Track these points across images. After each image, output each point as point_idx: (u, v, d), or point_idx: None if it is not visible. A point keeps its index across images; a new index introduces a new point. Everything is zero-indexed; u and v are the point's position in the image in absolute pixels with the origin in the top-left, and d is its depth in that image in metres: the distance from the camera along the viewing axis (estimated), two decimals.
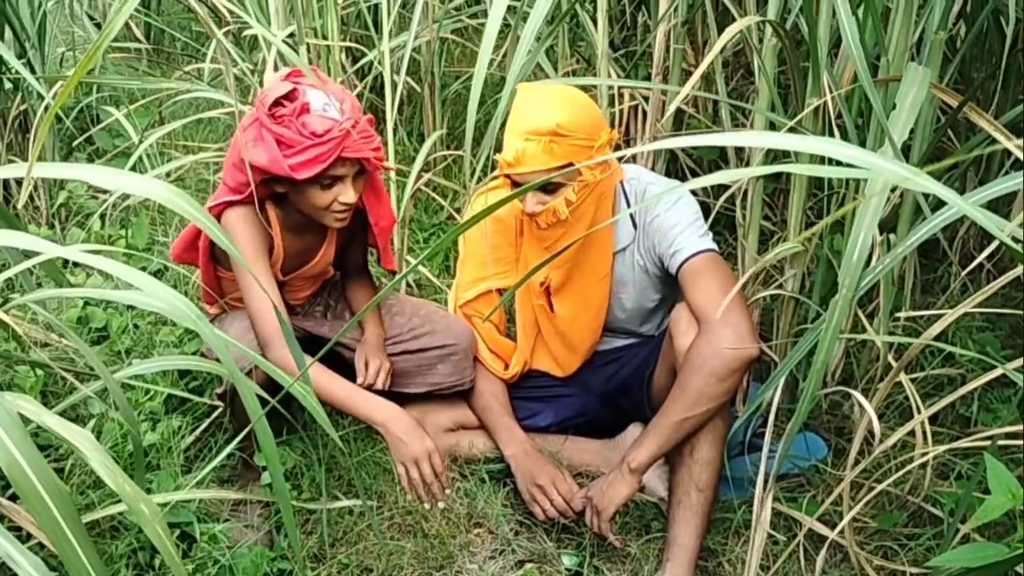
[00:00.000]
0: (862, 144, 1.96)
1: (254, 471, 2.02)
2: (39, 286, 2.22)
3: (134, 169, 2.44)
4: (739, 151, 2.57)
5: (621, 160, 2.21)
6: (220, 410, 2.02)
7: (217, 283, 2.10)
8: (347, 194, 1.89)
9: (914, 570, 1.88)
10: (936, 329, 1.71)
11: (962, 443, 1.77)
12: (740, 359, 1.86)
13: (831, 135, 1.96)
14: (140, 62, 3.82)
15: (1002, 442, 1.73)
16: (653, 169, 2.55)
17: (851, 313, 2.06)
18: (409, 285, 2.68)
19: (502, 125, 2.02)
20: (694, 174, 2.86)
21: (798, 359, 1.78)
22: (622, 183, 2.09)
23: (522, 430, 2.17)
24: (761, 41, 2.14)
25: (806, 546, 1.93)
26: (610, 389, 2.25)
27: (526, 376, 2.26)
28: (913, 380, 1.95)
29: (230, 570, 1.82)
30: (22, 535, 1.48)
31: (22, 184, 2.70)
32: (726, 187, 2.41)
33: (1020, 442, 1.80)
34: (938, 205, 1.56)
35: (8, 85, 2.91)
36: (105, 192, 2.89)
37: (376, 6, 3.08)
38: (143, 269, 2.20)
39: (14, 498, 1.54)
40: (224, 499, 1.99)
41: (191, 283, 2.47)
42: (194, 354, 2.17)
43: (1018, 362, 1.66)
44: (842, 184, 2.18)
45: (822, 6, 1.93)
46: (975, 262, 1.99)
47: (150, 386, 2.04)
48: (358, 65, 3.07)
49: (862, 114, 2.14)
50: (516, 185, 1.96)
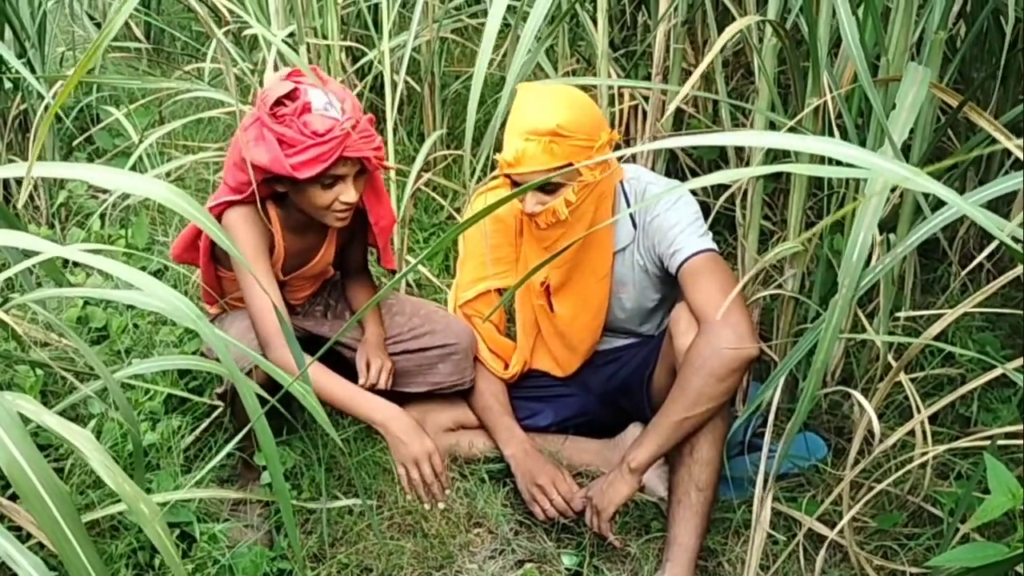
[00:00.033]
0: (862, 144, 1.96)
1: (254, 471, 2.02)
2: (39, 286, 2.22)
3: (134, 169, 2.44)
4: (739, 151, 2.57)
5: (621, 160, 2.21)
6: (220, 410, 2.01)
7: (217, 283, 2.10)
8: (348, 193, 1.89)
9: (914, 570, 1.88)
10: (936, 329, 1.71)
11: (962, 443, 1.77)
12: (740, 359, 1.86)
13: (831, 135, 1.95)
14: (140, 62, 3.82)
15: (1002, 442, 1.73)
16: (653, 169, 2.55)
17: (851, 313, 2.06)
18: (409, 285, 2.67)
19: (502, 125, 2.02)
20: (694, 174, 2.86)
21: (798, 359, 1.78)
22: (622, 183, 2.09)
23: (522, 430, 2.17)
24: (761, 41, 2.14)
25: (806, 546, 1.93)
26: (610, 389, 2.25)
27: (526, 376, 2.26)
28: (913, 380, 1.95)
29: (230, 570, 1.82)
30: (22, 535, 1.48)
31: (22, 184, 2.70)
32: (726, 187, 2.41)
33: (1020, 442, 1.80)
34: (938, 205, 1.55)
35: (8, 85, 2.91)
36: (105, 192, 2.89)
37: (376, 6, 3.08)
38: (143, 269, 2.20)
39: (14, 498, 1.54)
40: (224, 499, 1.99)
41: (191, 283, 2.47)
42: (194, 354, 2.17)
43: (1018, 362, 1.66)
44: (842, 184, 2.18)
45: (822, 6, 1.93)
46: (975, 262, 1.99)
47: (150, 386, 2.04)
48: (358, 65, 3.07)
49: (862, 114, 2.14)
50: (516, 185, 1.96)
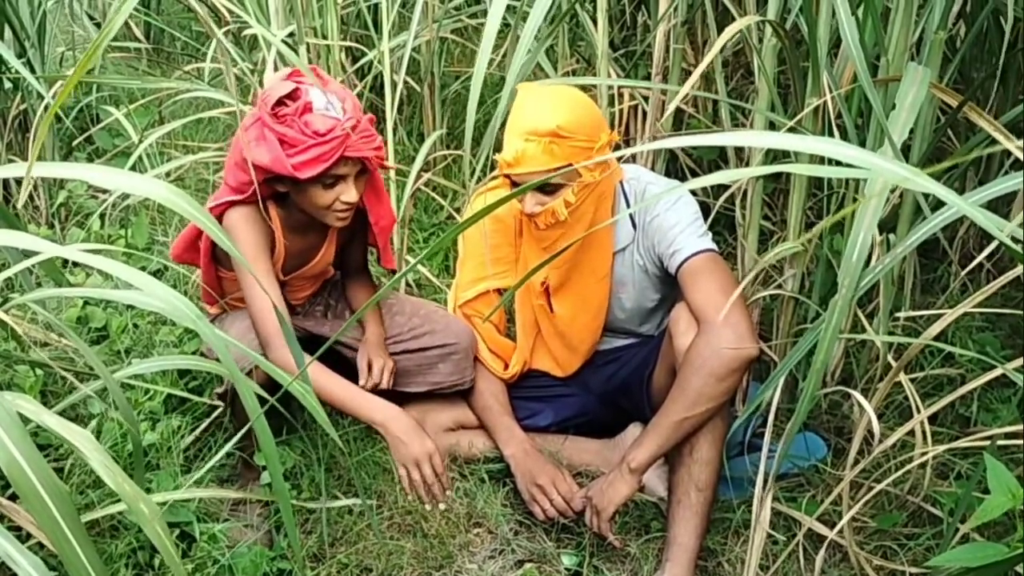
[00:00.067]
0: (862, 144, 1.96)
1: (254, 471, 2.02)
2: (39, 286, 2.22)
3: (134, 169, 2.44)
4: (739, 151, 2.57)
5: (621, 160, 2.21)
6: (220, 410, 2.01)
7: (218, 283, 2.10)
8: (349, 193, 1.89)
9: (913, 570, 1.88)
10: (936, 329, 1.71)
11: (962, 443, 1.77)
12: (740, 359, 1.86)
13: (831, 135, 1.95)
14: (140, 62, 3.83)
15: (1002, 442, 1.73)
16: (653, 169, 2.55)
17: (851, 313, 2.06)
18: (409, 285, 2.68)
19: (502, 125, 2.02)
20: (694, 174, 2.86)
21: (798, 359, 1.78)
22: (622, 183, 2.09)
23: (522, 430, 2.17)
24: (761, 41, 2.14)
25: (805, 546, 1.93)
26: (610, 389, 2.25)
27: (526, 376, 2.26)
28: (913, 380, 1.95)
29: (229, 570, 1.82)
30: (22, 535, 1.48)
31: (22, 183, 2.70)
32: (726, 187, 2.41)
33: (1020, 442, 1.80)
34: (938, 205, 1.55)
35: (8, 85, 2.91)
36: (105, 192, 2.89)
37: (376, 6, 3.07)
38: (143, 269, 2.20)
39: (14, 498, 1.54)
40: (224, 499, 1.99)
41: (191, 283, 2.47)
42: (194, 354, 2.17)
43: (1018, 362, 1.66)
44: (842, 184, 2.18)
45: (822, 6, 1.93)
46: (975, 262, 1.99)
47: (150, 386, 2.04)
48: (358, 65, 3.07)
49: (862, 114, 2.14)
50: (515, 185, 1.96)
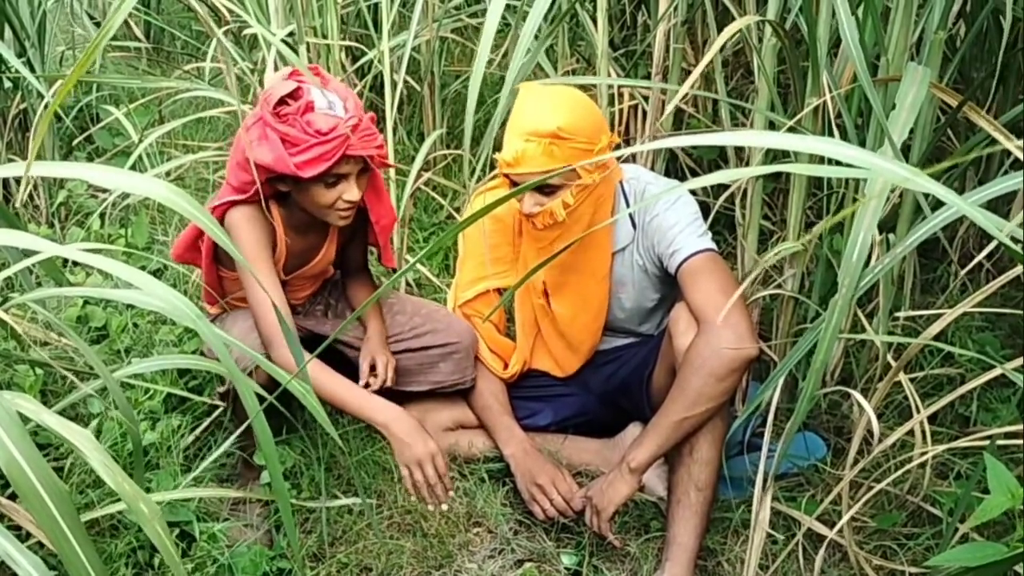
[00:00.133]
0: (862, 144, 1.96)
1: (254, 470, 2.02)
2: (39, 285, 2.22)
3: (134, 168, 2.44)
4: (739, 151, 2.57)
5: (621, 160, 2.21)
6: (220, 410, 2.01)
7: (219, 283, 2.10)
8: (351, 192, 1.89)
9: (913, 569, 1.88)
10: (935, 329, 1.72)
11: (961, 443, 1.77)
12: (739, 359, 1.86)
13: (831, 135, 1.95)
14: (140, 61, 3.83)
15: (1001, 442, 1.73)
16: (653, 168, 2.55)
17: (850, 313, 2.06)
18: (409, 284, 2.68)
19: (502, 124, 2.02)
20: (694, 173, 2.86)
21: (797, 359, 1.78)
22: (621, 183, 2.09)
23: (522, 429, 2.17)
24: (761, 40, 2.14)
25: (805, 545, 1.93)
26: (609, 388, 2.25)
27: (526, 375, 2.26)
28: (912, 380, 1.95)
29: (229, 569, 1.82)
30: (21, 534, 1.48)
31: (21, 183, 2.70)
32: (726, 187, 2.41)
33: (1019, 442, 1.81)
34: (938, 205, 1.55)
35: (8, 84, 2.91)
36: (105, 191, 2.89)
37: (376, 5, 3.07)
38: (143, 268, 2.20)
39: (13, 497, 1.54)
40: (223, 498, 1.99)
41: (191, 282, 2.47)
42: (194, 353, 2.17)
43: (1017, 362, 1.66)
44: (842, 184, 2.18)
45: (822, 6, 1.93)
46: (974, 261, 1.99)
47: (150, 385, 2.04)
48: (358, 64, 3.07)
49: (862, 114, 2.14)
50: (515, 185, 1.96)
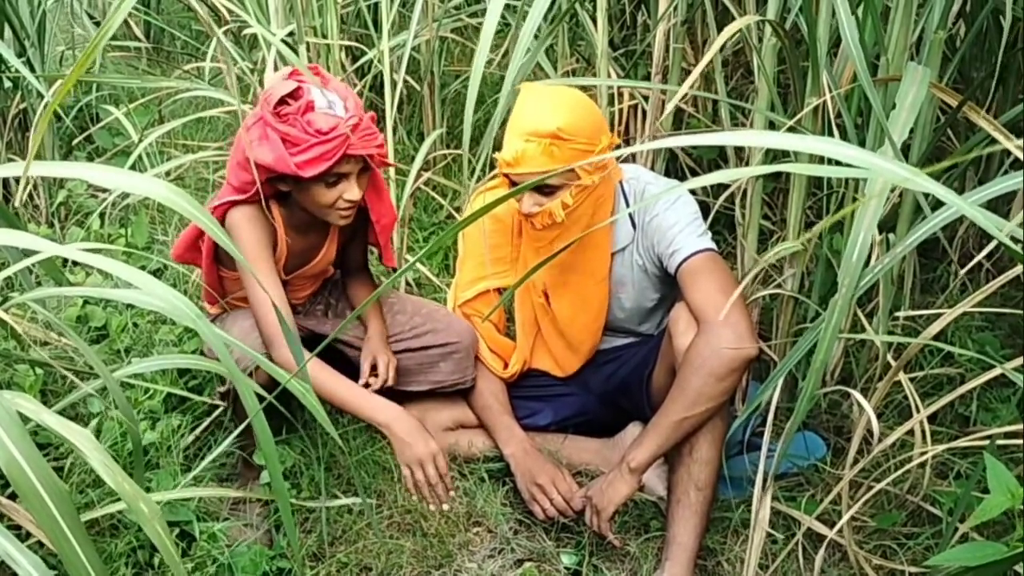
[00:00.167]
0: (862, 144, 1.96)
1: (254, 470, 2.02)
2: (39, 285, 2.22)
3: (134, 168, 2.44)
4: (738, 150, 2.57)
5: (620, 160, 2.21)
6: (220, 409, 2.02)
7: (219, 283, 2.10)
8: (352, 191, 1.89)
9: (913, 569, 1.88)
10: (935, 328, 1.71)
11: (961, 442, 1.77)
12: (739, 359, 1.86)
13: (830, 135, 1.95)
14: (140, 61, 3.83)
15: (1001, 441, 1.73)
16: (652, 168, 2.55)
17: (850, 312, 2.06)
18: (408, 284, 2.68)
19: (502, 124, 2.02)
20: (693, 173, 2.86)
21: (797, 358, 1.78)
22: (621, 183, 2.09)
23: (521, 429, 2.17)
24: (760, 40, 2.14)
25: (805, 545, 1.93)
26: (609, 388, 2.25)
27: (525, 375, 2.26)
28: (912, 379, 1.95)
29: (229, 569, 1.82)
30: (21, 534, 1.48)
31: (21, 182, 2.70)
32: (725, 186, 2.41)
33: (1019, 441, 1.80)
34: (937, 204, 1.55)
35: (8, 84, 2.91)
36: (105, 191, 2.89)
37: (376, 5, 3.07)
38: (142, 268, 2.19)
39: (13, 497, 1.54)
40: (223, 498, 1.99)
41: (191, 282, 2.47)
42: (194, 353, 2.17)
43: (1017, 362, 1.65)
44: (842, 184, 2.18)
45: (821, 5, 1.93)
46: (974, 261, 1.99)
47: (149, 385, 2.04)
48: (358, 64, 3.07)
49: (861, 114, 2.14)
50: (514, 184, 1.96)
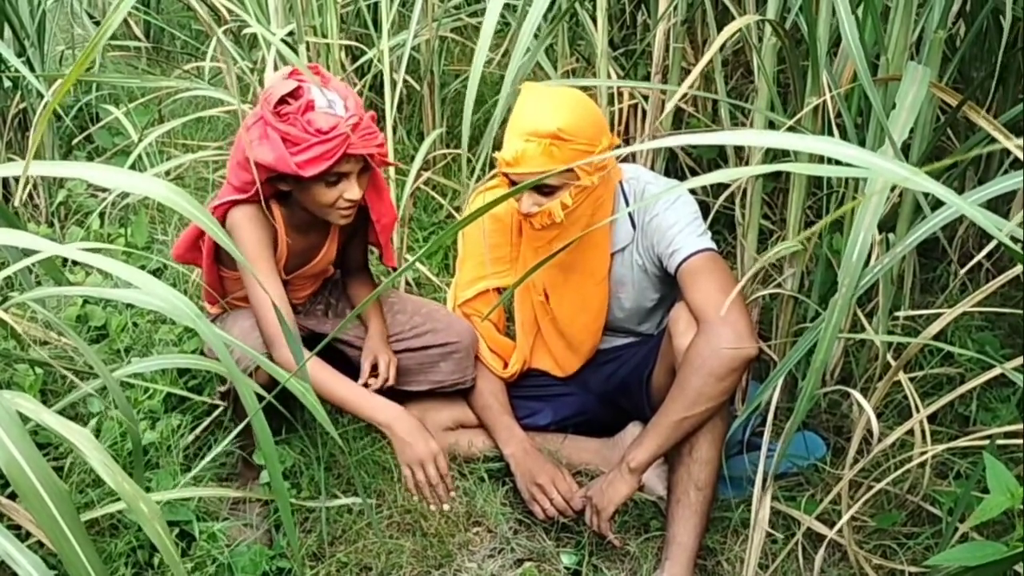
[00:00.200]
0: (862, 143, 1.96)
1: (254, 469, 2.02)
2: (38, 284, 2.22)
3: (133, 167, 2.44)
4: (738, 150, 2.57)
5: (620, 159, 2.21)
6: (220, 409, 2.01)
7: (220, 283, 2.10)
8: (352, 190, 1.89)
9: (913, 569, 1.88)
10: (935, 328, 1.71)
11: (961, 442, 1.77)
12: (739, 358, 1.86)
13: (830, 134, 1.95)
14: (140, 60, 3.83)
15: (1001, 441, 1.73)
16: (652, 168, 2.55)
17: (850, 312, 2.06)
18: (408, 284, 2.68)
19: (502, 124, 2.02)
20: (693, 173, 2.86)
21: (797, 358, 1.77)
22: (621, 183, 2.09)
23: (521, 429, 2.17)
24: (760, 40, 2.14)
25: (805, 545, 1.93)
26: (609, 388, 2.25)
27: (525, 375, 2.26)
28: (912, 379, 1.95)
29: (229, 568, 1.82)
30: (21, 534, 1.48)
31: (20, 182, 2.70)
32: (725, 186, 2.40)
33: (1019, 441, 1.80)
34: (937, 204, 1.55)
35: (7, 83, 2.91)
36: (104, 190, 2.89)
37: (376, 4, 3.07)
38: (142, 268, 2.20)
39: (13, 496, 1.54)
40: (223, 497, 1.99)
41: (191, 282, 2.47)
42: (194, 353, 2.17)
43: (1017, 361, 1.65)
44: (841, 183, 2.18)
45: (821, 5, 1.93)
46: (974, 261, 1.99)
47: (149, 384, 2.04)
48: (357, 63, 3.07)
49: (861, 113, 2.14)
50: (514, 184, 1.96)
